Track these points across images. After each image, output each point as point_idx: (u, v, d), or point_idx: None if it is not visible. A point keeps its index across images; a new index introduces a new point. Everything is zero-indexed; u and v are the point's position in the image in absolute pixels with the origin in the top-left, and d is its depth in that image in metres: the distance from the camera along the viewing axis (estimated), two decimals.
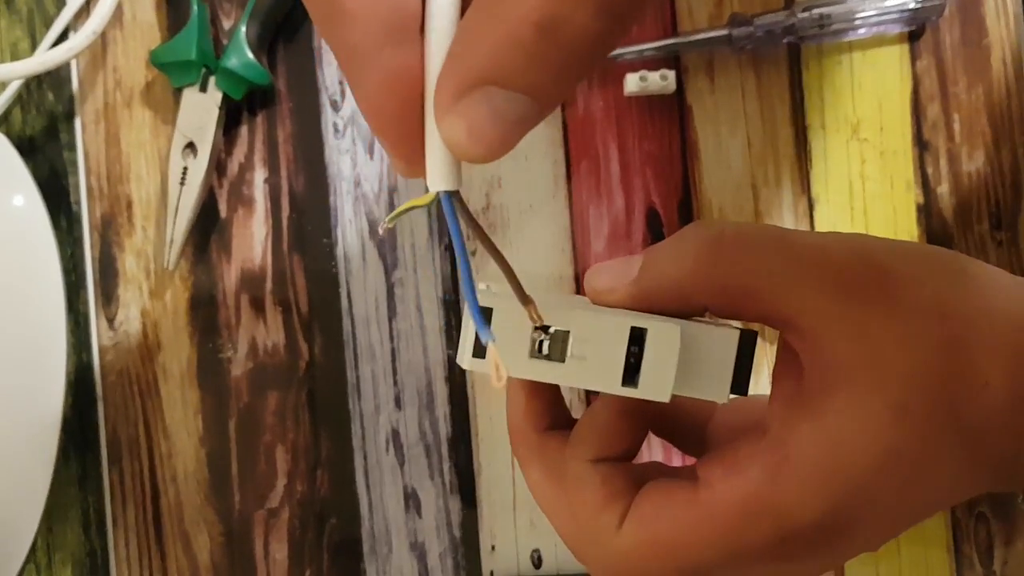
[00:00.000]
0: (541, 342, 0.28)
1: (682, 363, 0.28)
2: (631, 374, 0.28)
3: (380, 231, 0.30)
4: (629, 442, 0.32)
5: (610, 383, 0.28)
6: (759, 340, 0.33)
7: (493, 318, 0.28)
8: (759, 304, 0.29)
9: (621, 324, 0.28)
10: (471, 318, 0.27)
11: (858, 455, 0.27)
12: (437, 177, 0.25)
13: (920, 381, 0.28)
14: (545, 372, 0.28)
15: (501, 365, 0.24)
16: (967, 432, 0.28)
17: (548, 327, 0.28)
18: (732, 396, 0.30)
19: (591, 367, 0.28)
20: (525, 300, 0.25)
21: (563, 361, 0.28)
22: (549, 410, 0.34)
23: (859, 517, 0.28)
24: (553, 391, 0.34)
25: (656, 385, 0.28)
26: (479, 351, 0.28)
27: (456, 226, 0.25)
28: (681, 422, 0.36)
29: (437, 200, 0.26)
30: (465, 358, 0.28)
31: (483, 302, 0.27)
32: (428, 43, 0.24)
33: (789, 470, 0.28)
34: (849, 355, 0.28)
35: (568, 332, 0.27)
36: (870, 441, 0.27)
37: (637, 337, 0.28)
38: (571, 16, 0.21)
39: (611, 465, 0.31)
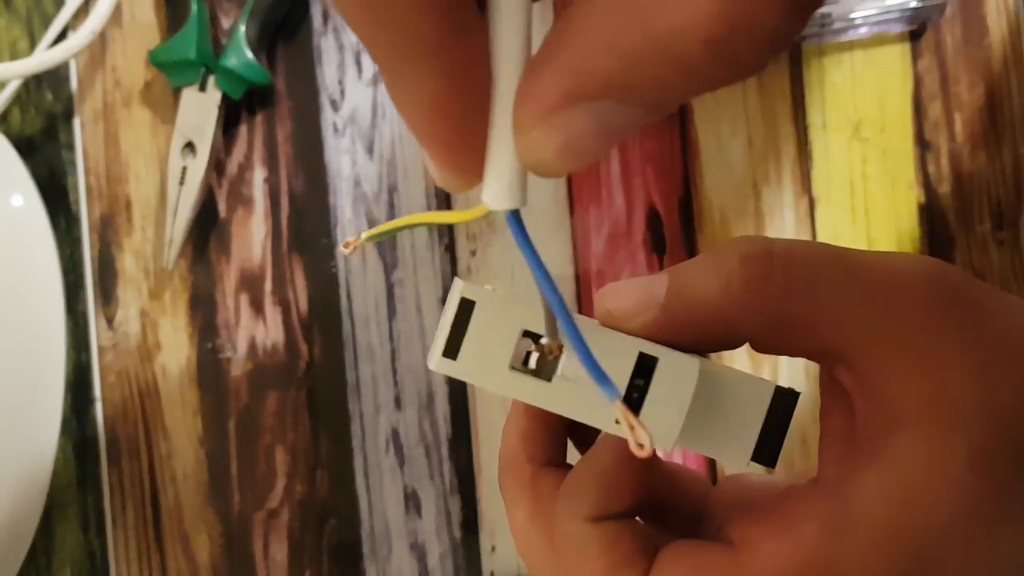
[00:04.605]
0: (529, 353, 0.22)
1: (698, 411, 0.23)
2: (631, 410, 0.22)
3: (344, 250, 0.25)
4: (635, 495, 0.26)
5: (601, 417, 0.23)
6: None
7: (474, 314, 0.22)
8: (810, 338, 0.25)
9: (628, 347, 0.22)
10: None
11: (935, 509, 0.23)
12: (502, 193, 0.20)
13: (1000, 421, 0.24)
14: (526, 390, 0.22)
15: (642, 429, 0.19)
16: None
17: (539, 336, 0.22)
18: (752, 464, 0.25)
19: (582, 393, 0.22)
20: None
21: (549, 380, 0.22)
22: (552, 442, 0.28)
23: None
24: (560, 422, 0.28)
25: (659, 429, 0.22)
26: (452, 350, 0.22)
27: (531, 247, 0.20)
28: (678, 484, 0.30)
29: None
30: (433, 357, 0.23)
31: (466, 293, 0.22)
32: (497, 32, 0.19)
33: (852, 528, 0.24)
34: (917, 391, 0.24)
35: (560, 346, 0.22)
36: (950, 491, 0.23)
37: (645, 368, 0.23)
38: (751, 22, 0.16)
39: (616, 524, 0.25)
